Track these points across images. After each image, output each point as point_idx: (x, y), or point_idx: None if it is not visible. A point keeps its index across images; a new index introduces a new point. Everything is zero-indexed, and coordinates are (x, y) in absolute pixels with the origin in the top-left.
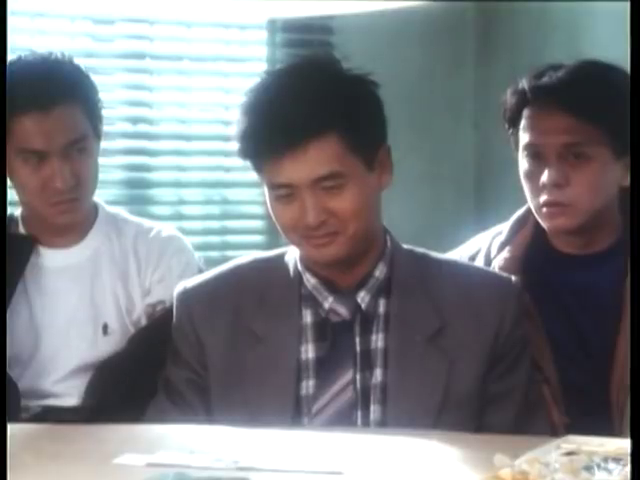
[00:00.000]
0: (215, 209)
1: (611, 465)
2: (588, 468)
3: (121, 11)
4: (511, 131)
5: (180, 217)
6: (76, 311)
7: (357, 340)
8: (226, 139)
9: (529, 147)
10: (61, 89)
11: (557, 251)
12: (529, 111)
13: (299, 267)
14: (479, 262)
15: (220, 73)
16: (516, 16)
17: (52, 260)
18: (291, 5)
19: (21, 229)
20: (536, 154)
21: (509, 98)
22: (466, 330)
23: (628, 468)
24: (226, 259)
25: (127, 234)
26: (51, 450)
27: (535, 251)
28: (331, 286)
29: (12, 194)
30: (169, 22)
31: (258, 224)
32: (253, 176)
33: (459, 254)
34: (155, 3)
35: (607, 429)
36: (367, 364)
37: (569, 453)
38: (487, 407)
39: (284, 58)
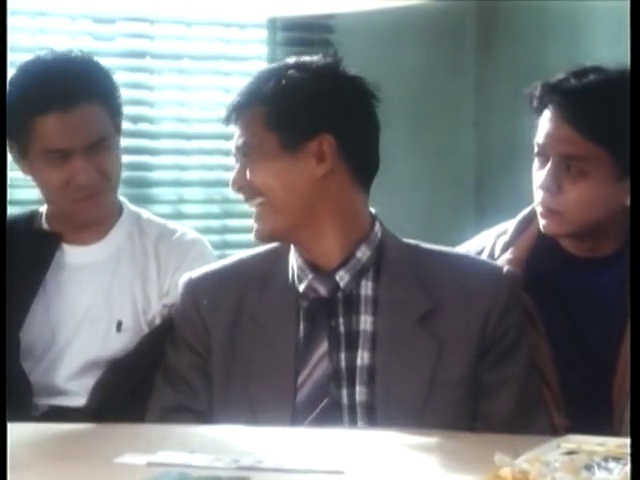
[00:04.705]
0: (215, 208)
1: (611, 464)
2: (588, 467)
3: (121, 10)
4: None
5: (180, 216)
6: (91, 306)
7: (340, 320)
8: (226, 138)
9: (536, 145)
10: (82, 87)
11: (564, 252)
12: (547, 110)
13: (292, 251)
14: None
15: (220, 72)
16: (516, 16)
17: (73, 257)
18: (291, 4)
19: (45, 226)
20: (540, 154)
21: (538, 89)
22: (456, 315)
23: (628, 467)
24: (226, 258)
25: (149, 234)
26: (52, 449)
27: (541, 251)
28: (313, 266)
29: (28, 193)
30: (169, 21)
31: None
32: None
33: (464, 249)
34: (155, 2)
35: (608, 433)
36: (351, 345)
37: (569, 452)
38: (482, 397)
39: (284, 57)
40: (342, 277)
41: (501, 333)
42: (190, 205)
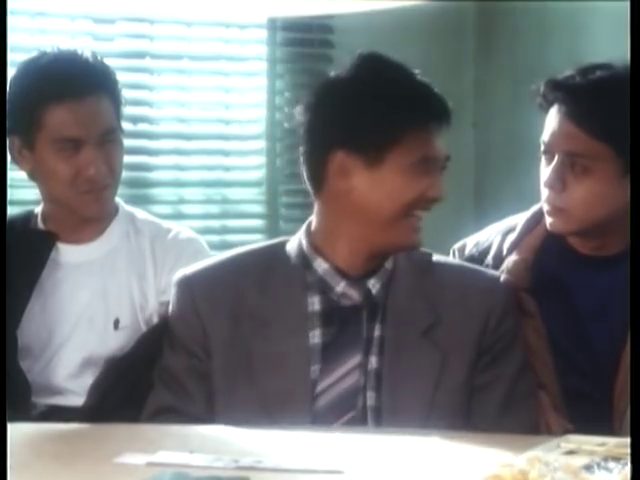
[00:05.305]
0: (215, 208)
1: (611, 464)
2: (588, 467)
3: (121, 10)
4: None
5: (180, 216)
6: (88, 305)
7: (364, 327)
8: (226, 138)
9: (542, 142)
10: (93, 80)
11: (572, 251)
12: (554, 108)
13: (307, 252)
14: (490, 260)
15: (220, 72)
16: (516, 16)
17: (69, 255)
18: (291, 4)
19: (40, 226)
20: (546, 152)
21: (543, 87)
22: (457, 325)
23: (628, 467)
24: None
25: (145, 233)
26: (52, 449)
27: (549, 251)
28: (342, 272)
29: (28, 193)
30: (169, 21)
31: (258, 223)
32: (253, 175)
33: (474, 241)
34: (155, 2)
35: (607, 434)
36: (369, 351)
37: (569, 452)
38: (474, 395)
39: (284, 57)
40: (374, 285)
41: (497, 338)
42: (189, 205)
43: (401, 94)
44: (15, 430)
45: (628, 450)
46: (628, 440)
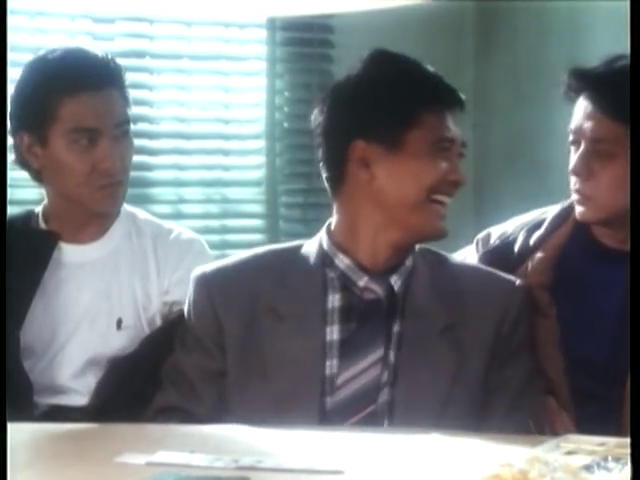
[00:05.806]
0: (214, 208)
1: (611, 464)
2: (588, 467)
3: (121, 10)
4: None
5: (180, 216)
6: (90, 304)
7: (385, 321)
8: (226, 138)
9: (570, 132)
10: (104, 75)
11: (598, 243)
12: (581, 97)
13: (328, 250)
14: (515, 255)
15: (220, 72)
16: (516, 16)
17: (72, 255)
18: (291, 4)
19: (42, 225)
20: (574, 141)
21: (568, 77)
22: (474, 326)
23: (628, 467)
24: (225, 258)
25: (147, 233)
26: (52, 449)
27: (574, 245)
28: (364, 268)
29: (28, 193)
30: (169, 21)
31: (257, 223)
32: (252, 175)
33: (499, 232)
34: (155, 2)
35: (617, 434)
36: (389, 346)
37: (569, 452)
38: (486, 397)
39: (284, 56)
40: (396, 281)
41: (508, 342)
42: (189, 205)
43: (412, 80)
44: (17, 430)
45: (628, 450)
46: (628, 440)
